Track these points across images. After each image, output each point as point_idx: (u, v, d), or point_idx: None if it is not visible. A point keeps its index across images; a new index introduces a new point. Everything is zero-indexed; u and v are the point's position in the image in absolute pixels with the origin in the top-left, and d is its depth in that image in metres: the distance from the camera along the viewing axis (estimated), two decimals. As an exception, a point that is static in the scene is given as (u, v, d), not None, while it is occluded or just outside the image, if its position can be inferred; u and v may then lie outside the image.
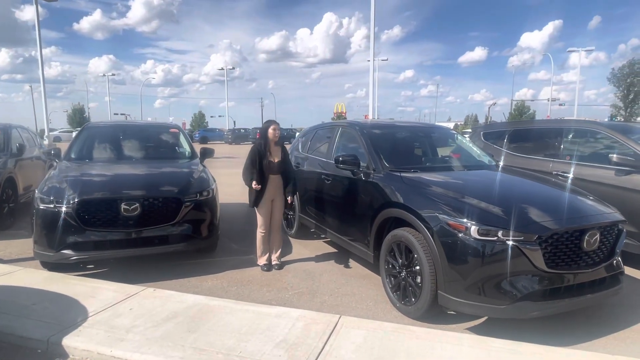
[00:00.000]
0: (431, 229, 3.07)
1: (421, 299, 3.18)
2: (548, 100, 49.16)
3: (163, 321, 3.05)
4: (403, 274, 3.43)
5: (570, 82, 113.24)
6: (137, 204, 4.04)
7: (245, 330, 2.93)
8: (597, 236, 2.97)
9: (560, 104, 50.89)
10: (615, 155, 4.41)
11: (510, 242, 2.78)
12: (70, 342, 2.75)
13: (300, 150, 5.74)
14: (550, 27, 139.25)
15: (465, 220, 2.90)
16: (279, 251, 4.64)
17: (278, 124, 4.42)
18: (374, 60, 16.32)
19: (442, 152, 4.76)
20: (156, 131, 6.39)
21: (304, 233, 5.78)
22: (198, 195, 4.43)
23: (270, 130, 4.33)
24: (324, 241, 5.71)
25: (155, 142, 6.01)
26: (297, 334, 2.88)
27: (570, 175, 4.81)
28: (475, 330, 3.20)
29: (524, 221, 2.87)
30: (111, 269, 4.47)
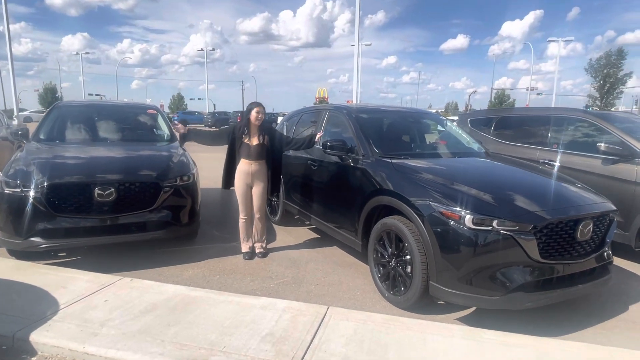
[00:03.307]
0: (423, 217, 2.96)
1: (411, 289, 3.09)
2: (527, 90, 49.96)
3: (141, 314, 2.87)
4: (392, 263, 3.34)
5: (548, 72, 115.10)
6: (112, 189, 3.80)
7: (229, 323, 2.78)
8: (591, 226, 2.93)
9: (538, 94, 51.74)
10: (602, 144, 4.39)
11: (505, 232, 2.70)
12: (38, 337, 2.55)
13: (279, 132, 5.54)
14: (531, 17, 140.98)
15: (459, 209, 2.80)
16: (263, 239, 4.49)
17: (263, 107, 4.21)
18: (358, 44, 16.06)
19: (432, 138, 4.65)
20: (133, 112, 6.04)
21: (288, 220, 5.64)
22: (178, 180, 4.21)
23: (252, 113, 4.11)
24: (309, 228, 5.58)
25: (132, 123, 5.69)
26: (284, 326, 2.75)
27: (557, 164, 4.79)
28: (465, 320, 3.15)
29: (519, 211, 2.79)
30: (84, 257, 4.23)
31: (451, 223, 2.81)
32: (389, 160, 3.61)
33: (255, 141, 4.13)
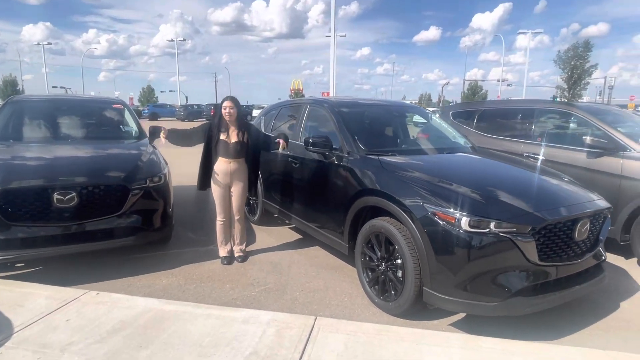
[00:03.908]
0: (416, 220, 2.78)
1: (403, 295, 2.91)
2: (498, 81, 50.92)
3: (108, 334, 2.58)
4: (382, 267, 3.15)
5: (517, 64, 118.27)
6: (74, 193, 3.45)
7: (209, 341, 2.52)
8: (588, 225, 2.82)
9: (508, 85, 52.89)
10: (588, 137, 4.33)
11: (503, 235, 2.55)
12: (-13, 369, 2.24)
13: (263, 131, 5.23)
14: (501, 9, 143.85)
15: (454, 210, 2.63)
16: (243, 242, 4.22)
17: (233, 102, 3.83)
18: (334, 35, 15.76)
19: (417, 133, 4.47)
20: (97, 107, 5.58)
21: (268, 219, 5.38)
22: (148, 181, 3.87)
23: (222, 110, 3.82)
24: (289, 227, 5.34)
25: (96, 119, 5.26)
26: (268, 343, 2.52)
27: (541, 157, 4.72)
28: (459, 325, 3.00)
29: (517, 212, 2.64)
30: (45, 267, 3.86)
31: (446, 226, 2.63)
32: (376, 158, 3.40)
33: (233, 138, 3.84)
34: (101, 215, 3.59)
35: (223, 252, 4.15)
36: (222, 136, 3.85)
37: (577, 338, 2.85)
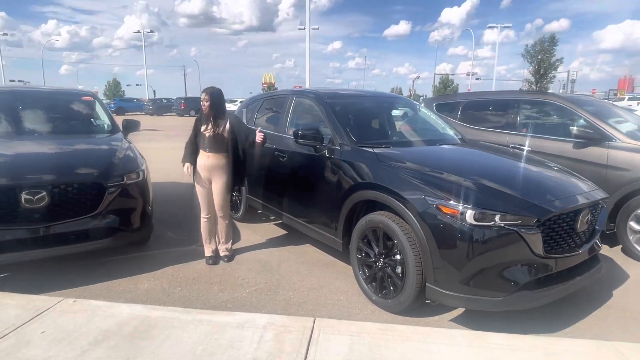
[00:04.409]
0: (418, 214, 2.67)
1: (404, 292, 2.81)
2: (467, 75, 51.96)
3: (91, 347, 2.35)
4: (380, 263, 3.04)
5: (484, 58, 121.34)
6: (44, 193, 3.15)
7: (202, 350, 2.34)
8: (589, 216, 2.79)
9: (477, 79, 54.05)
10: (575, 128, 4.36)
11: (508, 227, 2.48)
12: (-49, 394, 1.98)
13: (246, 124, 5.00)
14: (469, 4, 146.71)
15: (458, 203, 2.53)
16: (229, 240, 4.02)
17: (208, 93, 3.65)
18: (310, 28, 15.53)
19: (408, 125, 4.36)
20: (65, 99, 5.15)
21: (252, 216, 5.19)
22: (125, 178, 3.60)
23: (201, 102, 3.70)
24: (275, 224, 5.17)
25: (64, 113, 4.88)
26: (268, 349, 2.36)
27: (527, 148, 4.72)
28: (460, 321, 2.93)
29: (521, 203, 2.57)
30: (13, 274, 3.54)
31: (450, 219, 2.54)
32: (371, 150, 3.28)
33: (211, 131, 3.64)
34: (75, 215, 3.31)
35: (208, 251, 3.93)
36: (202, 128, 3.66)
37: (578, 329, 2.83)
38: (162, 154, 10.46)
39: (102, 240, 3.46)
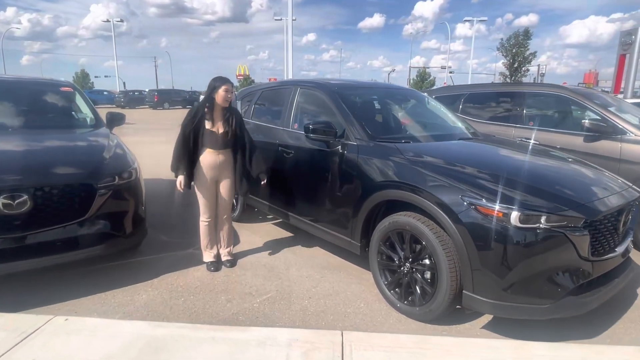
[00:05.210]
0: (453, 215, 2.45)
1: (436, 299, 2.59)
2: (442, 68, 52.47)
3: (92, 377, 2.03)
4: (405, 268, 2.81)
5: (457, 52, 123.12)
6: (26, 196, 2.76)
7: (225, 375, 2.06)
8: (630, 215, 2.65)
9: (451, 72, 54.68)
10: (587, 121, 4.24)
11: (555, 229, 2.29)
12: None
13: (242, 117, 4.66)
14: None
15: (500, 204, 2.32)
16: (230, 244, 3.71)
17: (232, 84, 3.37)
18: (292, 19, 15.10)
19: (420, 117, 4.11)
20: (40, 90, 4.61)
21: (249, 216, 4.88)
22: (116, 178, 3.23)
23: (220, 92, 3.27)
24: (273, 223, 4.88)
25: (42, 105, 4.39)
26: (298, 371, 2.10)
27: (533, 142, 4.59)
28: (492, 328, 2.73)
29: (568, 204, 2.39)
30: (-11, 288, 3.13)
31: (491, 222, 2.32)
32: (393, 145, 3.03)
33: (222, 127, 3.32)
34: (62, 221, 2.92)
35: (209, 256, 3.62)
36: (208, 125, 3.31)
37: (615, 333, 2.68)
38: (142, 149, 9.93)
39: (93, 248, 3.08)
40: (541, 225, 2.29)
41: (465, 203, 2.42)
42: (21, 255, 2.82)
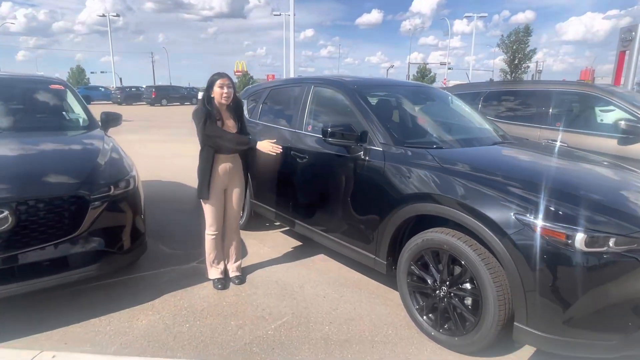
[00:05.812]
0: (505, 235, 2.11)
1: (481, 330, 2.26)
2: (441, 64, 52.16)
3: None
4: (442, 292, 2.47)
5: (454, 48, 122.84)
6: (7, 212, 2.40)
7: None
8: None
9: (450, 68, 54.35)
10: (623, 122, 3.92)
11: (626, 253, 1.96)
12: None
13: (248, 117, 4.31)
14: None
15: (562, 224, 1.99)
16: (239, 258, 3.37)
17: (229, 78, 3.01)
18: (293, 15, 14.68)
19: (447, 119, 3.74)
20: (26, 88, 4.25)
21: (255, 224, 4.53)
22: (112, 188, 2.88)
23: (215, 89, 2.91)
24: (281, 231, 4.54)
25: (29, 104, 4.01)
26: None
27: (560, 144, 4.26)
28: (538, 357, 2.42)
29: (637, 222, 2.05)
30: (-33, 313, 2.77)
31: (551, 244, 1.99)
32: (425, 152, 2.69)
33: (232, 128, 2.98)
34: (49, 239, 2.56)
35: (215, 273, 3.28)
36: (218, 125, 2.96)
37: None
38: (143, 149, 9.55)
39: (85, 268, 2.72)
40: (609, 249, 1.96)
41: (519, 221, 2.08)
42: (4, 279, 2.46)
